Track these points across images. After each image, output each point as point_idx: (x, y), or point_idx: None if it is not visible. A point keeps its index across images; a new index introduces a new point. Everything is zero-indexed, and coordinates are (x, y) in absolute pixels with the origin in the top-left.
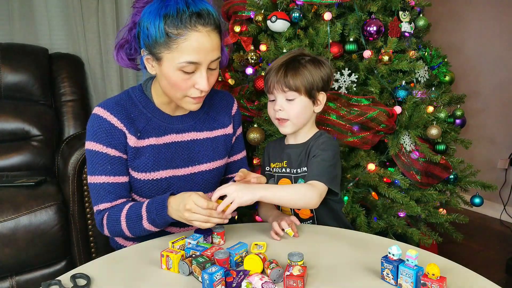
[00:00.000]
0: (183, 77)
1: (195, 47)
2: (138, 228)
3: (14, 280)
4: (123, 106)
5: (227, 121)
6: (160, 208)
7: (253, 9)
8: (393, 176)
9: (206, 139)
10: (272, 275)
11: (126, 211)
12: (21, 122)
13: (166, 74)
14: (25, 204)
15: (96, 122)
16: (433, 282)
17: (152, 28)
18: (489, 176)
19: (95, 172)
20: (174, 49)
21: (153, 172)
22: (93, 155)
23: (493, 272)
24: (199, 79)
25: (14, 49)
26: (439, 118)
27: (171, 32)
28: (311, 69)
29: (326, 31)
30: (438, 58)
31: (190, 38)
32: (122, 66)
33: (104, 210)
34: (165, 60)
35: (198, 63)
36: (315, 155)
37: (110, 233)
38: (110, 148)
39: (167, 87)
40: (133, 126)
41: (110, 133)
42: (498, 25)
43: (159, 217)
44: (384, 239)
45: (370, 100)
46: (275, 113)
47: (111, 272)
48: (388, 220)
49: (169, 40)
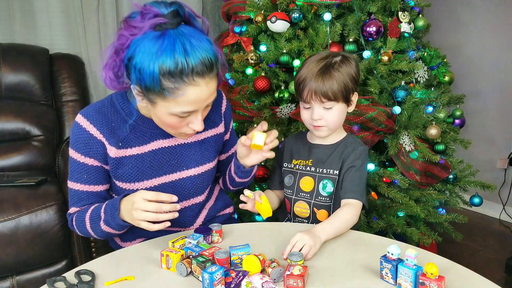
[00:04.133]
0: (177, 120)
1: (192, 100)
2: (99, 229)
3: (15, 280)
4: (105, 115)
5: (217, 120)
6: (112, 210)
7: (253, 9)
8: (393, 176)
9: (194, 143)
10: (272, 274)
11: (90, 211)
12: (21, 122)
13: (159, 116)
14: (26, 204)
15: (76, 131)
16: (432, 281)
17: (146, 75)
18: (489, 176)
19: (72, 178)
20: (170, 100)
21: (137, 182)
22: (72, 162)
23: (492, 272)
24: (194, 121)
25: (14, 49)
26: (439, 118)
27: (167, 86)
28: (344, 72)
29: (325, 31)
30: (437, 58)
31: (187, 93)
32: (110, 88)
33: (73, 213)
34: (158, 105)
35: (194, 111)
36: (354, 165)
37: (81, 233)
38: (88, 157)
39: (160, 124)
40: (113, 137)
41: (88, 144)
42: (498, 25)
43: (112, 219)
44: (383, 238)
45: (370, 100)
46: (311, 121)
47: (112, 271)
48: (388, 219)
49: (164, 91)
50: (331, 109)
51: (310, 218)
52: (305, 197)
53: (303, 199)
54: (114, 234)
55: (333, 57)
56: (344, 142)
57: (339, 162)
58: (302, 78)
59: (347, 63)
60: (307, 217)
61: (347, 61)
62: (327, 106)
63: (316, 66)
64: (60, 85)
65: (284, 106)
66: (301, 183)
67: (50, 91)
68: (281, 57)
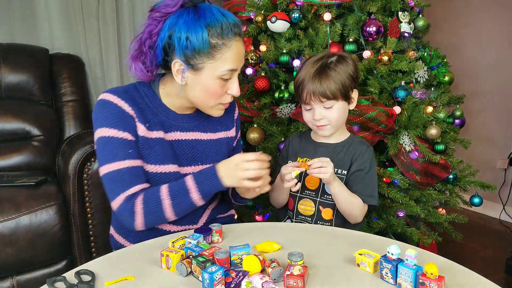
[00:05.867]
0: (221, 84)
1: (236, 55)
2: (184, 203)
3: (15, 280)
4: (131, 95)
5: (230, 124)
6: (210, 177)
7: (253, 9)
8: (393, 176)
9: (209, 140)
10: (272, 274)
11: (166, 189)
12: (21, 122)
13: (205, 83)
14: (26, 204)
15: (106, 107)
16: (432, 281)
17: (194, 39)
18: (489, 176)
19: (115, 158)
20: (218, 59)
21: (162, 165)
22: (109, 141)
23: (492, 272)
24: (233, 85)
25: (14, 50)
26: (439, 118)
27: (215, 43)
28: (341, 71)
29: (325, 31)
30: (437, 58)
31: (232, 47)
32: (140, 77)
33: (136, 193)
34: (206, 69)
35: (236, 70)
36: (361, 168)
37: (146, 218)
38: (127, 132)
39: (201, 96)
40: (142, 115)
41: (122, 118)
42: (498, 25)
43: (213, 185)
44: (383, 238)
45: (370, 100)
46: (314, 121)
47: (112, 271)
48: (388, 219)
49: (213, 50)
50: (332, 108)
51: (314, 216)
52: (310, 195)
53: (308, 197)
54: (194, 208)
55: (329, 57)
56: (350, 142)
57: (348, 163)
58: (300, 80)
59: (344, 62)
60: (311, 215)
61: (344, 60)
62: (327, 105)
63: (313, 67)
64: (60, 85)
65: (284, 106)
66: (307, 181)
67: (50, 91)
68: (281, 57)
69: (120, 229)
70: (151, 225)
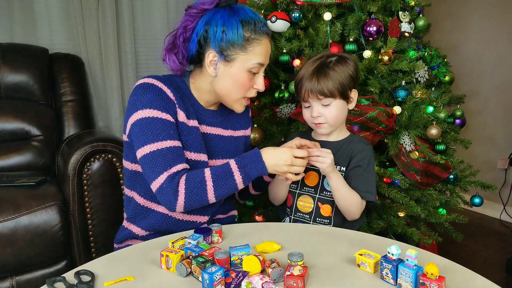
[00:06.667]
0: (250, 77)
1: (265, 51)
2: (226, 185)
3: (14, 280)
4: (172, 84)
5: (247, 123)
6: (255, 162)
7: (253, 9)
8: (393, 176)
9: (230, 137)
10: (272, 275)
11: (209, 171)
12: (21, 122)
13: (234, 74)
14: (25, 204)
15: (150, 90)
16: (432, 282)
17: (230, 31)
18: (489, 176)
19: (157, 138)
20: (249, 52)
21: (196, 153)
22: (152, 122)
23: (493, 272)
24: (259, 80)
25: (14, 49)
26: (439, 118)
27: (249, 36)
28: (340, 70)
29: (326, 31)
30: (438, 58)
31: (262, 43)
32: (172, 68)
33: (179, 172)
34: (238, 61)
35: (263, 65)
36: (360, 165)
37: (187, 199)
38: (169, 114)
39: (230, 88)
40: (182, 102)
41: (166, 101)
42: (498, 25)
43: (254, 170)
44: (384, 239)
45: (370, 100)
46: (312, 119)
47: (112, 272)
48: (388, 220)
49: (246, 43)
50: (329, 105)
51: (313, 212)
52: (309, 192)
53: (307, 194)
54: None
55: (329, 57)
56: (349, 140)
57: (347, 160)
58: (299, 78)
59: (344, 62)
60: (309, 212)
61: (344, 60)
62: (325, 102)
63: (312, 65)
64: (59, 85)
65: (284, 106)
66: (306, 178)
67: (50, 91)
68: (281, 57)
69: (134, 218)
70: (192, 207)
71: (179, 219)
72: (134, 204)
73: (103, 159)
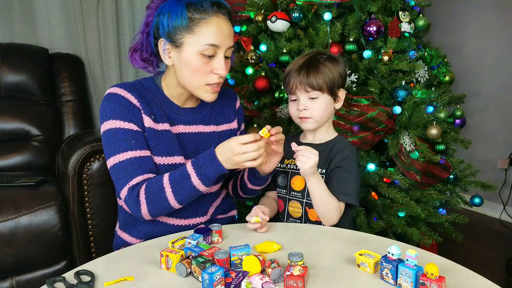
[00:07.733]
0: (203, 61)
1: (216, 30)
2: (185, 189)
3: (14, 280)
4: (138, 90)
5: (232, 116)
6: (210, 161)
7: (253, 9)
8: (393, 176)
9: (212, 133)
10: (272, 275)
11: (168, 177)
12: (21, 122)
13: (186, 60)
14: (25, 204)
15: (113, 100)
16: (432, 282)
17: (174, 15)
18: (489, 176)
19: (119, 150)
20: (196, 32)
21: (169, 156)
22: (114, 133)
23: (493, 272)
24: (217, 63)
25: (14, 49)
26: (439, 118)
27: (194, 16)
28: (330, 67)
29: (326, 31)
30: (438, 58)
31: (211, 22)
32: (136, 66)
33: (138, 184)
34: (186, 44)
35: (217, 46)
36: (340, 166)
37: (150, 207)
38: (132, 123)
39: (187, 75)
40: (148, 107)
41: (129, 109)
42: (498, 25)
43: (213, 169)
44: (384, 239)
45: (370, 100)
46: (298, 113)
47: (111, 272)
48: (388, 220)
49: (191, 24)
50: (317, 99)
51: (302, 217)
52: (297, 196)
53: (295, 199)
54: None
55: (320, 54)
56: (333, 142)
57: (327, 162)
58: (288, 71)
59: (334, 60)
60: (299, 217)
61: (334, 59)
62: (312, 95)
63: (302, 59)
64: (59, 85)
65: (284, 106)
66: (293, 183)
67: (50, 91)
68: (281, 57)
69: (125, 226)
70: (158, 214)
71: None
72: (124, 212)
73: (103, 159)
